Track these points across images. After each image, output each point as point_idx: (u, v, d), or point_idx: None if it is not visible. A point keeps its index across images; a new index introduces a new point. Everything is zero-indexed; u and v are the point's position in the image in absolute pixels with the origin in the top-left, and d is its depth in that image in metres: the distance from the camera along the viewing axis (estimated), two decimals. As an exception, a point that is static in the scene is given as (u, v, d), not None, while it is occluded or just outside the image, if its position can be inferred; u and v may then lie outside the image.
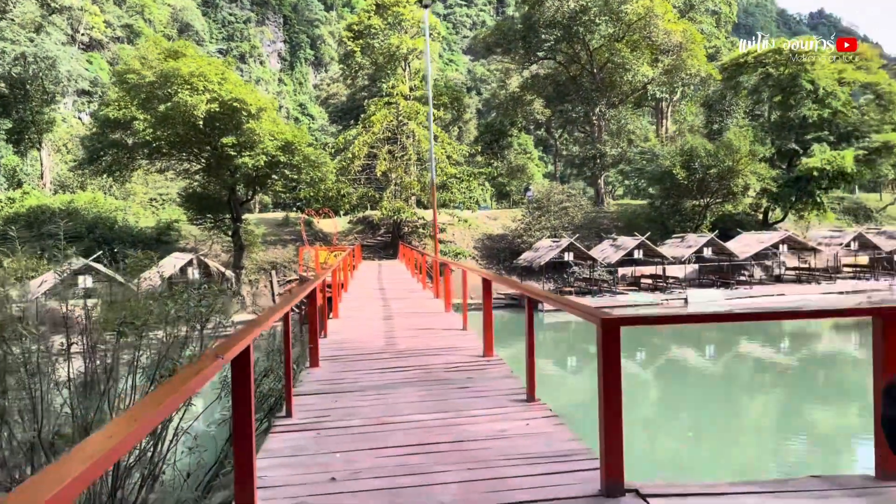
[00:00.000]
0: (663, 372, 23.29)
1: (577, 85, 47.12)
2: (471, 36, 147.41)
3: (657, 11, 43.00)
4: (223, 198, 31.95)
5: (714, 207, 41.61)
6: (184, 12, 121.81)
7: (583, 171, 58.17)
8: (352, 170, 35.79)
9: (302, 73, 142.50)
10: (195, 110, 26.04)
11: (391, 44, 43.62)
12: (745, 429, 15.42)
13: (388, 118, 36.61)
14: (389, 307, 14.07)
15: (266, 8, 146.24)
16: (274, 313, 5.29)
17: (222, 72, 28.04)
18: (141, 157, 29.69)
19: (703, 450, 13.84)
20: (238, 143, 27.74)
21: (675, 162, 37.72)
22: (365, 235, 42.15)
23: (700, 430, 15.30)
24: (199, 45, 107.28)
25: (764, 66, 42.01)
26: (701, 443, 14.32)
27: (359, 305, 14.47)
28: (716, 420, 15.92)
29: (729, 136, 37.81)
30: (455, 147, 38.40)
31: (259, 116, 28.33)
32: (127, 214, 38.57)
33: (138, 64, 26.84)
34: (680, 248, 35.80)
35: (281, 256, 36.10)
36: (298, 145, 29.16)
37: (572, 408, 15.73)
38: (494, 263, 39.95)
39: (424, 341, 9.53)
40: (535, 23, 44.84)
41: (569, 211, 39.56)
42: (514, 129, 56.43)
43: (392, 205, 34.42)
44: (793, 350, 27.07)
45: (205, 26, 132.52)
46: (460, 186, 37.03)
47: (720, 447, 13.89)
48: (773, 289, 36.64)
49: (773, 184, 38.41)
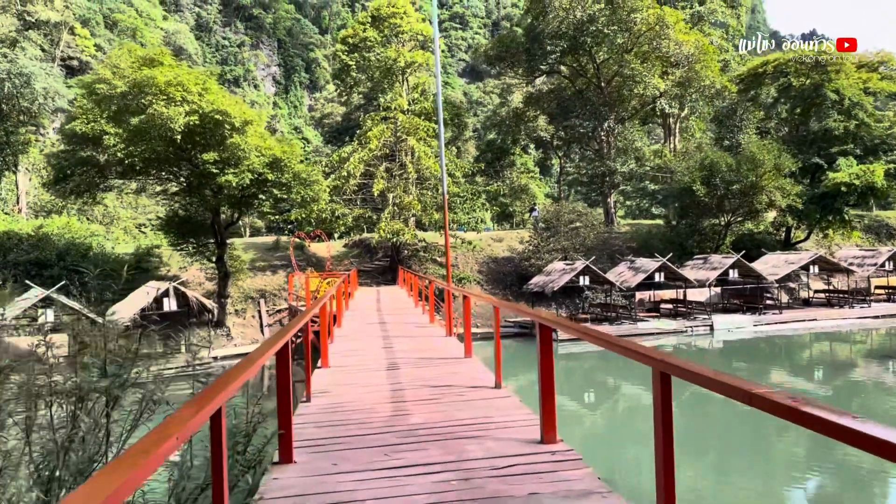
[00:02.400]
0: (690, 405, 20.70)
1: (584, 99, 44.72)
2: (466, 59, 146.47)
3: (668, 21, 40.74)
4: (206, 221, 29.19)
5: (734, 226, 38.99)
6: (177, 36, 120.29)
7: (591, 191, 55.63)
8: (347, 189, 33.09)
9: (297, 97, 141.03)
10: (172, 123, 23.36)
11: (388, 57, 41.17)
12: (775, 463, 14.35)
13: (385, 134, 34.02)
14: (393, 349, 11.25)
15: (260, 32, 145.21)
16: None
17: (203, 81, 25.42)
18: (113, 176, 26.95)
19: (732, 485, 13.08)
20: (220, 159, 25.05)
21: (695, 177, 35.11)
22: (362, 260, 39.35)
23: (728, 465, 14.59)
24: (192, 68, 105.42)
25: (785, 75, 39.61)
26: (729, 477, 13.66)
27: (354, 348, 11.65)
28: (744, 455, 14.81)
29: (752, 148, 35.25)
30: (458, 164, 35.76)
31: (244, 130, 25.67)
32: (106, 240, 35.77)
33: (109, 73, 24.21)
34: (703, 271, 33.07)
35: (271, 284, 33.27)
36: (288, 162, 26.47)
37: (593, 449, 14.69)
38: (501, 288, 37.16)
39: (448, 408, 6.70)
40: (539, 34, 42.54)
41: (580, 231, 36.85)
42: (515, 147, 53.97)
43: (390, 226, 31.68)
44: (827, 379, 24.36)
45: (198, 50, 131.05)
46: (463, 206, 34.35)
47: (750, 482, 12.91)
48: (802, 313, 33.91)
49: (799, 200, 35.79)
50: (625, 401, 21.88)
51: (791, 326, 32.40)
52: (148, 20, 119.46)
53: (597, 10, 40.87)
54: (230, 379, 3.28)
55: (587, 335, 4.56)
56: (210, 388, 3.08)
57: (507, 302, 6.85)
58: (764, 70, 41.19)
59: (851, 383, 23.54)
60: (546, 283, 31.19)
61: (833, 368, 26.30)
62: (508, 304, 6.92)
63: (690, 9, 49.32)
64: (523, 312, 6.78)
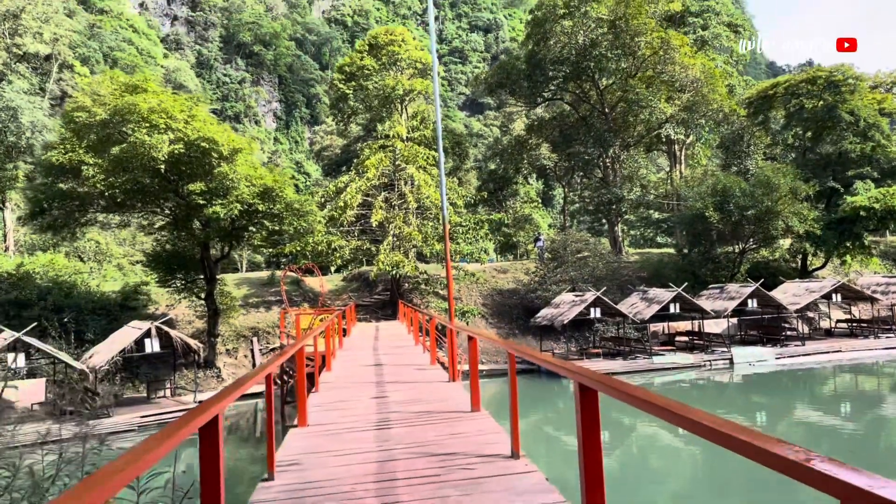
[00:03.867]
0: (710, 445, 18.73)
1: (588, 126, 43.46)
2: (466, 92, 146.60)
3: (674, 44, 39.62)
4: (195, 255, 27.64)
5: (749, 254, 37.34)
6: (177, 73, 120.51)
7: (595, 219, 54.09)
8: (344, 221, 31.54)
9: (298, 132, 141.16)
10: (155, 152, 21.96)
11: (386, 85, 39.98)
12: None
13: (384, 162, 32.60)
14: (387, 401, 9.54)
15: (261, 68, 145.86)
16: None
17: (190, 108, 24.07)
18: (95, 209, 25.46)
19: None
20: (208, 189, 23.58)
21: (708, 203, 33.56)
22: (361, 294, 37.69)
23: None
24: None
25: (797, 97, 38.30)
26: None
27: (341, 399, 9.93)
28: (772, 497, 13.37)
29: (766, 172, 33.75)
30: (460, 192, 34.27)
31: (233, 159, 24.25)
32: (93, 278, 34.17)
33: (89, 101, 22.86)
34: (720, 301, 31.35)
35: (264, 321, 31.59)
36: (280, 191, 24.99)
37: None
38: (506, 322, 35.44)
39: (451, 494, 5.01)
40: (540, 60, 41.44)
41: (588, 261, 35.21)
42: (518, 176, 52.58)
43: (390, 258, 30.06)
44: (855, 414, 22.55)
45: (199, 87, 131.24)
46: (466, 236, 32.77)
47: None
48: (826, 344, 32.09)
49: (817, 226, 34.17)
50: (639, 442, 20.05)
51: (814, 359, 30.58)
52: (148, 58, 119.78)
53: (599, 34, 39.82)
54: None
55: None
56: None
57: (519, 346, 5.19)
58: (774, 92, 39.92)
59: (881, 419, 21.84)
60: (555, 315, 29.47)
61: (861, 403, 24.51)
62: (521, 350, 5.36)
63: (694, 34, 48.32)
64: (543, 362, 5.11)
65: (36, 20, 41.34)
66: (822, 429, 20.67)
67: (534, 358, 5.06)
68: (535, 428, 21.59)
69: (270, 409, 5.83)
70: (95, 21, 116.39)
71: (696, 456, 17.70)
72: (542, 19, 41.25)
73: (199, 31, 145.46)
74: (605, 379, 3.41)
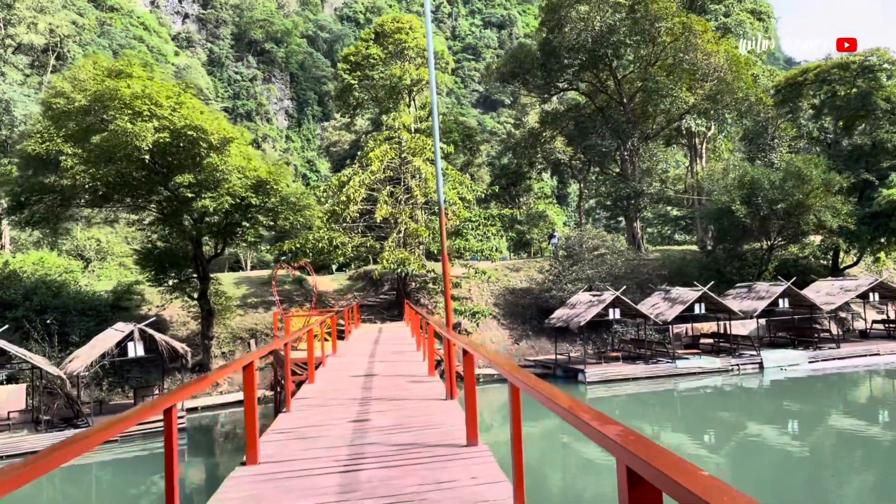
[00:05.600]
0: (737, 455, 17.55)
1: (605, 117, 41.43)
2: (479, 89, 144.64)
3: (696, 29, 37.49)
4: (189, 253, 26.01)
5: (777, 251, 35.17)
6: (188, 71, 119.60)
7: (613, 215, 52.06)
8: (347, 216, 29.78)
9: (309, 130, 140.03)
10: (139, 141, 20.31)
11: (393, 75, 38.13)
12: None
13: (389, 154, 30.80)
14: (367, 426, 7.71)
15: (272, 66, 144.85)
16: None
17: (178, 94, 22.40)
18: (81, 203, 23.86)
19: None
20: (196, 181, 21.91)
21: (734, 196, 31.46)
22: (367, 293, 35.96)
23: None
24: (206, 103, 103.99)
25: (829, 83, 36.00)
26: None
27: (314, 422, 8.10)
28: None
29: (798, 163, 31.57)
30: (470, 186, 32.38)
31: (224, 149, 22.56)
32: (87, 277, 32.69)
33: (68, 86, 21.24)
34: (748, 301, 29.27)
35: (263, 322, 29.92)
36: (274, 184, 23.26)
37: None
38: (519, 323, 33.56)
39: None
40: (555, 48, 39.45)
41: (606, 259, 33.22)
42: (532, 170, 50.63)
43: (395, 256, 28.26)
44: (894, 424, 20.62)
45: (210, 85, 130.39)
46: (476, 232, 30.90)
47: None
48: (862, 347, 29.91)
49: (850, 220, 31.95)
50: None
51: (850, 363, 28.46)
52: (159, 55, 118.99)
53: (617, 19, 37.80)
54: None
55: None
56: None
57: (523, 373, 3.45)
58: (804, 79, 37.62)
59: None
60: (571, 316, 27.55)
61: (885, 404, 22.59)
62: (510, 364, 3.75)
63: (716, 21, 46.09)
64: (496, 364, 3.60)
65: (30, 10, 39.94)
66: (857, 439, 18.88)
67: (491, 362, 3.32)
68: (550, 436, 19.81)
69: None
70: (106, 18, 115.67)
71: (719, 462, 16.25)
72: (556, 4, 39.25)
73: (211, 29, 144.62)
74: (531, 381, 3.43)
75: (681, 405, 24.39)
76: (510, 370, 4.04)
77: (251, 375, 6.28)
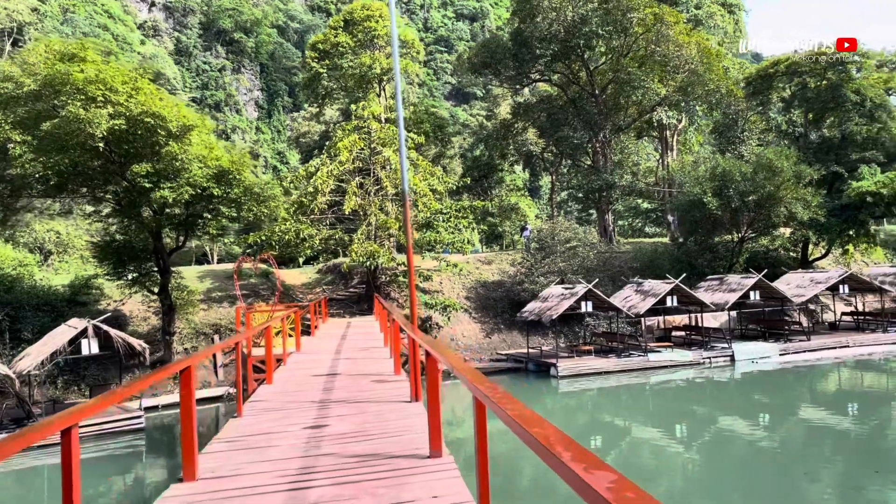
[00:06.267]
0: (709, 448, 17.39)
1: (577, 108, 41.07)
2: (452, 81, 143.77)
3: (668, 21, 37.26)
4: (149, 245, 25.04)
5: (748, 243, 35.16)
6: (154, 60, 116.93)
7: (585, 208, 51.88)
8: (315, 208, 28.97)
9: (280, 122, 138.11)
10: (92, 128, 19.35)
11: (362, 63, 37.29)
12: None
13: (358, 144, 30.05)
14: (323, 433, 7.11)
15: (242, 56, 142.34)
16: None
17: (135, 80, 21.43)
18: (33, 193, 22.80)
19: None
20: (155, 171, 21.01)
21: (706, 188, 31.31)
22: (336, 287, 35.24)
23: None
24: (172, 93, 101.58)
25: (800, 75, 36.02)
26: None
27: (266, 429, 7.48)
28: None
29: (769, 155, 31.52)
30: (441, 178, 31.76)
31: (184, 137, 21.67)
32: (42, 271, 31.48)
33: (17, 70, 20.18)
34: (720, 293, 29.16)
35: (227, 317, 29.04)
36: (238, 174, 22.43)
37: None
38: (491, 316, 33.12)
39: None
40: (527, 38, 38.93)
41: (578, 251, 32.89)
42: (504, 162, 50.18)
43: (364, 249, 27.56)
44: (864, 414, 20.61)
45: (177, 74, 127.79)
46: (447, 225, 30.32)
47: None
48: (832, 339, 30.00)
49: (820, 212, 32.02)
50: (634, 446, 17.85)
51: (820, 355, 28.51)
52: (124, 44, 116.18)
53: (589, 9, 37.37)
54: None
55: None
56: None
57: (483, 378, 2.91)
58: (775, 71, 37.61)
59: (889, 419, 20.29)
60: (543, 310, 27.15)
61: (869, 402, 22.60)
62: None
63: (687, 13, 45.97)
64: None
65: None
66: (827, 430, 18.84)
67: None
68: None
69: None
70: (69, 6, 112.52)
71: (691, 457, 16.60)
72: (528, -7, 38.73)
73: (178, 18, 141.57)
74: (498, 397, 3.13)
75: (653, 399, 24.17)
76: (476, 382, 3.48)
77: (188, 380, 5.66)
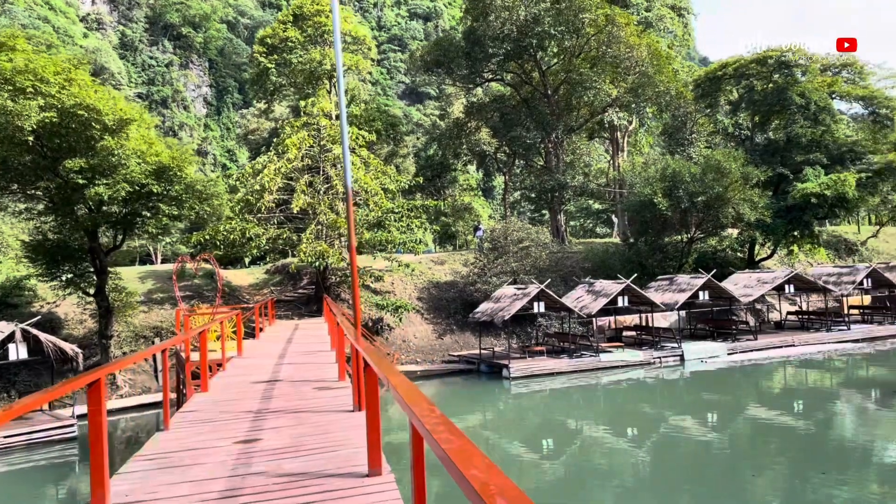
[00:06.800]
0: (659, 448, 17.45)
1: (530, 109, 41.01)
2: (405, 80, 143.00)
3: (619, 22, 37.48)
4: (84, 245, 23.86)
5: (697, 243, 35.58)
6: (98, 54, 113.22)
7: (538, 208, 51.95)
8: (262, 206, 28.13)
9: (229, 119, 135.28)
10: (21, 121, 18.26)
11: (312, 59, 36.47)
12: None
13: (307, 142, 29.30)
14: (253, 455, 6.55)
15: (190, 51, 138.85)
16: None
17: (68, 70, 20.34)
18: (-43, 190, 21.49)
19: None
20: (89, 166, 19.96)
21: (657, 189, 31.52)
22: (284, 288, 34.37)
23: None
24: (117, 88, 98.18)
25: (747, 77, 36.62)
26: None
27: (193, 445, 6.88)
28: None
29: (717, 157, 31.91)
30: (393, 177, 31.21)
31: (120, 132, 20.66)
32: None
33: (-60, 58, 18.93)
34: (669, 293, 29.36)
35: (169, 319, 27.95)
36: (178, 171, 21.51)
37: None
38: (443, 317, 32.72)
39: None
40: (480, 37, 38.69)
41: (531, 252, 32.76)
42: (457, 162, 49.91)
43: (313, 249, 26.85)
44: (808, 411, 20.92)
45: (122, 69, 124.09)
46: (399, 224, 29.81)
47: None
48: (778, 338, 30.52)
49: (767, 213, 32.58)
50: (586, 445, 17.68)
51: (767, 354, 28.97)
52: (66, 37, 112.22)
53: (542, 9, 37.32)
54: None
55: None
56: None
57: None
58: (723, 73, 38.19)
59: (832, 415, 20.54)
60: (495, 310, 26.88)
61: (813, 399, 23.00)
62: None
63: (638, 15, 46.44)
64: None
65: None
66: (773, 428, 19.04)
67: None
68: (474, 433, 19.08)
69: None
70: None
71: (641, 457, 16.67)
72: (481, -8, 38.49)
73: (123, 11, 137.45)
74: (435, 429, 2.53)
75: (604, 399, 24.14)
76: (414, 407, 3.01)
77: (97, 396, 5.06)
